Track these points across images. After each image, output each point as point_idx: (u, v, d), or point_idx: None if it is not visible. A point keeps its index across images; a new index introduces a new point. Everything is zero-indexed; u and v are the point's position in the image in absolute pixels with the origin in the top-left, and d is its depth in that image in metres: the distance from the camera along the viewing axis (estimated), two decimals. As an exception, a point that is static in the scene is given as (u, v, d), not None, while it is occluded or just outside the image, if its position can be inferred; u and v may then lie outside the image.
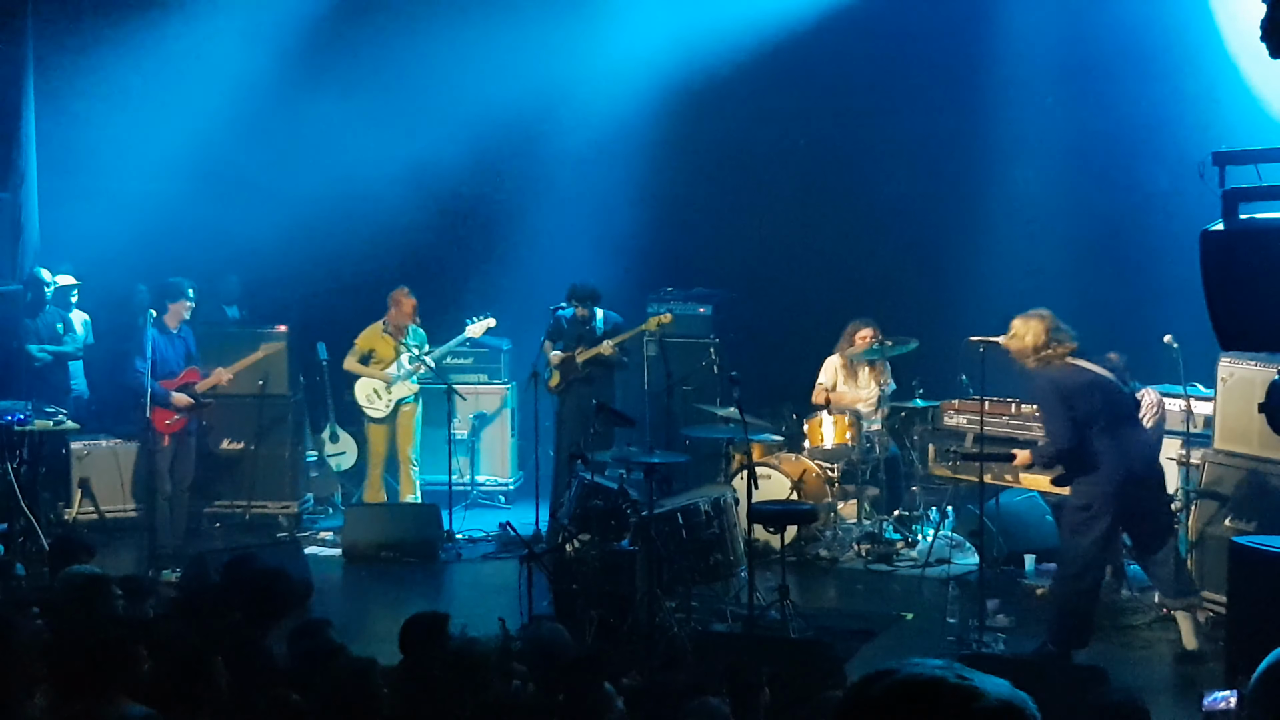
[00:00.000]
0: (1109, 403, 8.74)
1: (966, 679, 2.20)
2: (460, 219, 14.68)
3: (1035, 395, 8.96)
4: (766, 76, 14.05)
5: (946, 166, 13.27)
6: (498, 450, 14.17)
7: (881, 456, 12.12)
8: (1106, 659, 8.25)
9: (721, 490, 10.20)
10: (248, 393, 12.58)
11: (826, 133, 13.78)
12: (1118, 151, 12.52)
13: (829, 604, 10.66)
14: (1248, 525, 9.42)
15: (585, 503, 9.56)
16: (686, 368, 12.32)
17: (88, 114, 13.80)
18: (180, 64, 13.80)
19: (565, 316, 12.53)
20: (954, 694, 2.18)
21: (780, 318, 13.80)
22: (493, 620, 8.83)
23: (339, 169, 13.93)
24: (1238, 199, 4.78)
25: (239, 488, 12.91)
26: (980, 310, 11.74)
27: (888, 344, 12.25)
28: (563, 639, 6.82)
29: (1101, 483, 8.71)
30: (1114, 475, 8.69)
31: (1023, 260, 12.75)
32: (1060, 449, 8.77)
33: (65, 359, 13.03)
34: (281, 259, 14.01)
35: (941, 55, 13.48)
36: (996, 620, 9.84)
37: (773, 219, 13.93)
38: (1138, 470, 8.79)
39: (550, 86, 14.36)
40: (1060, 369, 8.72)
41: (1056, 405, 8.70)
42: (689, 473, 10.74)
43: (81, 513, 12.55)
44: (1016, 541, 11.46)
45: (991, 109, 13.17)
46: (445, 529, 12.32)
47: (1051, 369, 8.72)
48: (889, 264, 13.41)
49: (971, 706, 2.17)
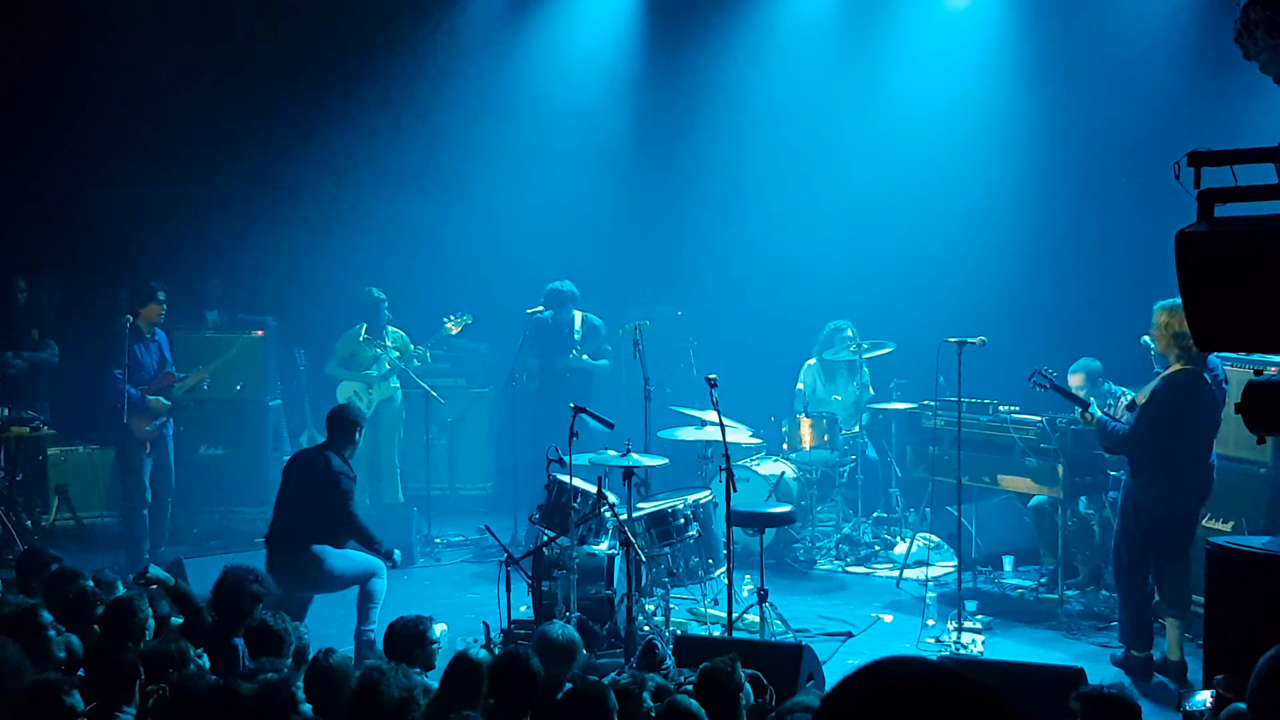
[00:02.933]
0: (1211, 419, 8.82)
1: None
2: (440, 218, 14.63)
3: (1157, 387, 8.96)
4: (744, 77, 14.06)
5: (922, 168, 13.29)
6: (475, 454, 14.14)
7: (859, 459, 12.13)
8: (1085, 661, 8.25)
9: (700, 493, 10.20)
10: (225, 397, 12.54)
11: (804, 135, 13.78)
12: (1093, 152, 12.55)
13: (808, 606, 10.67)
14: (1224, 526, 9.46)
15: (563, 506, 9.54)
16: (664, 370, 12.32)
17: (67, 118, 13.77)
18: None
19: (543, 319, 12.51)
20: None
21: (758, 321, 13.80)
22: (473, 624, 8.84)
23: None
24: (1214, 199, 4.78)
25: (217, 493, 12.88)
26: (956, 312, 11.78)
27: (864, 346, 12.28)
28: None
29: (1174, 490, 8.84)
30: (1187, 485, 8.85)
31: (998, 262, 12.78)
32: (1135, 445, 8.85)
33: (41, 367, 12.94)
34: (262, 263, 14.00)
35: (917, 55, 13.51)
36: (975, 622, 9.86)
37: (750, 221, 13.93)
38: (1201, 482, 8.90)
39: (529, 85, 14.37)
40: (1191, 374, 8.75)
41: (1165, 405, 8.75)
42: (667, 475, 10.73)
43: (59, 519, 12.49)
44: (995, 543, 11.49)
45: (966, 109, 13.19)
46: (423, 533, 12.29)
47: (1186, 372, 8.74)
48: (866, 267, 13.42)
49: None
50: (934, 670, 2.21)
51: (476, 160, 14.33)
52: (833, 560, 11.92)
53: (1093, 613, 10.33)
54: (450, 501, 13.68)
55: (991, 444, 10.69)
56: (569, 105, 14.24)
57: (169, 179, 14.27)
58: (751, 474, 11.75)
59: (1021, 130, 12.99)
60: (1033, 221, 12.83)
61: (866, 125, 13.66)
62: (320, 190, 14.20)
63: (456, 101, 14.34)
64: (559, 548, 9.35)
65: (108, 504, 12.57)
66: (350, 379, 13.00)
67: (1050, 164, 12.80)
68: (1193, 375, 8.74)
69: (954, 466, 10.23)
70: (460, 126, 14.31)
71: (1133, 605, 9.06)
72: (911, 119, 13.46)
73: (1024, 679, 7.11)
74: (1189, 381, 8.75)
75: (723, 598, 9.45)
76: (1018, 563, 11.31)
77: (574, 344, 12.47)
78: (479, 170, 14.37)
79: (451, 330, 12.81)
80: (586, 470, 9.76)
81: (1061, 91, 12.88)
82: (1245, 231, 4.67)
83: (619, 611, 9.13)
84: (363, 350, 12.94)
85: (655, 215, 14.28)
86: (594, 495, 9.42)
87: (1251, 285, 4.57)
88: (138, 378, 11.63)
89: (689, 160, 14.20)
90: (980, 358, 10.23)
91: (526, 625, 9.29)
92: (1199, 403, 8.76)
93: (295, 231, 13.99)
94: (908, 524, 12.18)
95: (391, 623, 7.05)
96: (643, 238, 14.23)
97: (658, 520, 9.73)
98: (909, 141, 13.41)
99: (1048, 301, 12.65)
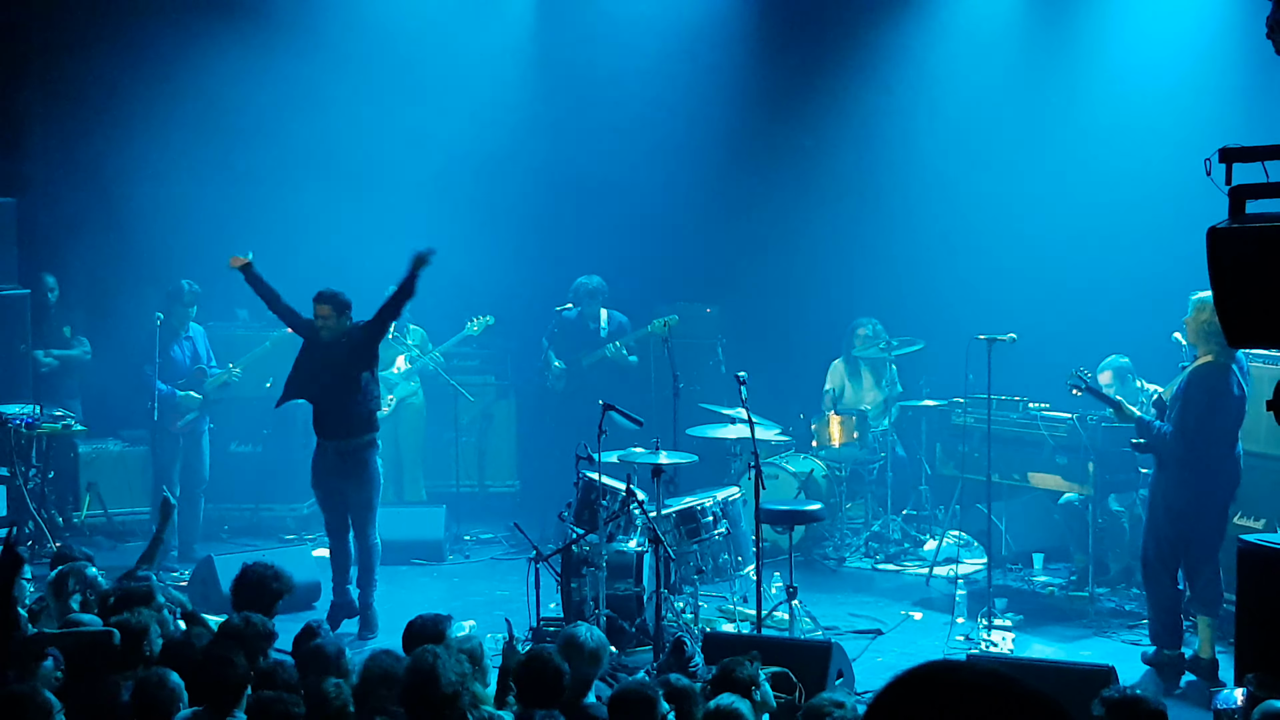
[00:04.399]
0: (1239, 410, 8.79)
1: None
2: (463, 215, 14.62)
3: (1186, 382, 8.92)
4: (771, 74, 14.04)
5: (953, 165, 13.23)
6: (503, 452, 14.14)
7: (889, 456, 12.11)
8: (1115, 659, 8.22)
9: (729, 490, 10.19)
10: (256, 394, 12.59)
11: (832, 133, 13.75)
12: (1124, 148, 12.48)
13: (837, 604, 10.66)
14: (1256, 523, 9.42)
15: (592, 503, 9.55)
16: (693, 368, 12.31)
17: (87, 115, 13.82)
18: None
19: (569, 317, 12.51)
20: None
21: (787, 318, 13.77)
22: (502, 621, 8.85)
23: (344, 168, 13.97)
24: (1245, 195, 4.76)
25: (248, 489, 12.93)
26: (986, 309, 11.73)
27: (893, 344, 12.25)
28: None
29: (1206, 484, 8.82)
30: (1219, 478, 8.82)
31: (1029, 259, 12.72)
32: (1184, 443, 8.81)
33: (72, 364, 13.01)
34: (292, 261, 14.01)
35: (944, 53, 13.46)
36: (1004, 619, 9.83)
37: (780, 219, 13.89)
38: (1231, 474, 8.88)
39: (556, 83, 14.36)
40: (1221, 365, 8.71)
41: (1204, 397, 8.72)
42: (696, 473, 10.73)
43: (90, 515, 12.56)
44: (1024, 541, 11.45)
45: (996, 105, 13.13)
46: (452, 530, 12.32)
47: (1215, 364, 8.71)
48: (895, 264, 13.37)
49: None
50: (987, 676, 2.19)
51: (504, 155, 14.33)
52: (862, 558, 11.90)
53: (1123, 611, 10.29)
54: (479, 499, 13.68)
55: (1021, 441, 10.66)
56: (592, 98, 14.19)
57: (196, 176, 14.29)
58: (781, 471, 11.74)
59: (1048, 126, 12.92)
60: (1062, 217, 12.76)
61: (894, 121, 13.62)
62: (349, 188, 14.19)
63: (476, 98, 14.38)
64: (588, 545, 9.36)
65: (139, 500, 12.61)
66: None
67: (1084, 157, 12.73)
68: (1222, 367, 8.71)
69: (984, 464, 10.20)
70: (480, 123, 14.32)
71: (1162, 604, 9.02)
72: (939, 114, 13.41)
73: (1054, 678, 7.10)
74: (1219, 372, 8.72)
75: (752, 595, 9.45)
76: (1048, 560, 11.26)
77: (600, 341, 12.47)
78: (508, 165, 14.36)
79: (474, 331, 12.84)
80: (615, 467, 9.77)
81: (1094, 82, 12.81)
82: (1277, 227, 4.65)
83: (648, 609, 9.13)
84: (383, 349, 12.93)
85: (685, 212, 14.24)
86: (623, 493, 9.43)
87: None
88: (170, 373, 11.70)
89: (719, 158, 14.16)
90: (1010, 355, 10.19)
91: (555, 622, 9.31)
92: (1229, 394, 8.73)
93: (327, 227, 13.98)
94: (937, 521, 12.14)
95: (411, 621, 7.05)
96: (672, 235, 14.20)
97: (686, 518, 9.74)
98: (936, 138, 13.36)
99: (1077, 298, 12.58)
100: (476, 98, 14.09)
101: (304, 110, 13.97)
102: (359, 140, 14.13)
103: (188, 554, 11.57)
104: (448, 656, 5.83)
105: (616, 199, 14.02)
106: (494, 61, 14.36)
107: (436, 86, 14.19)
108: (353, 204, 14.15)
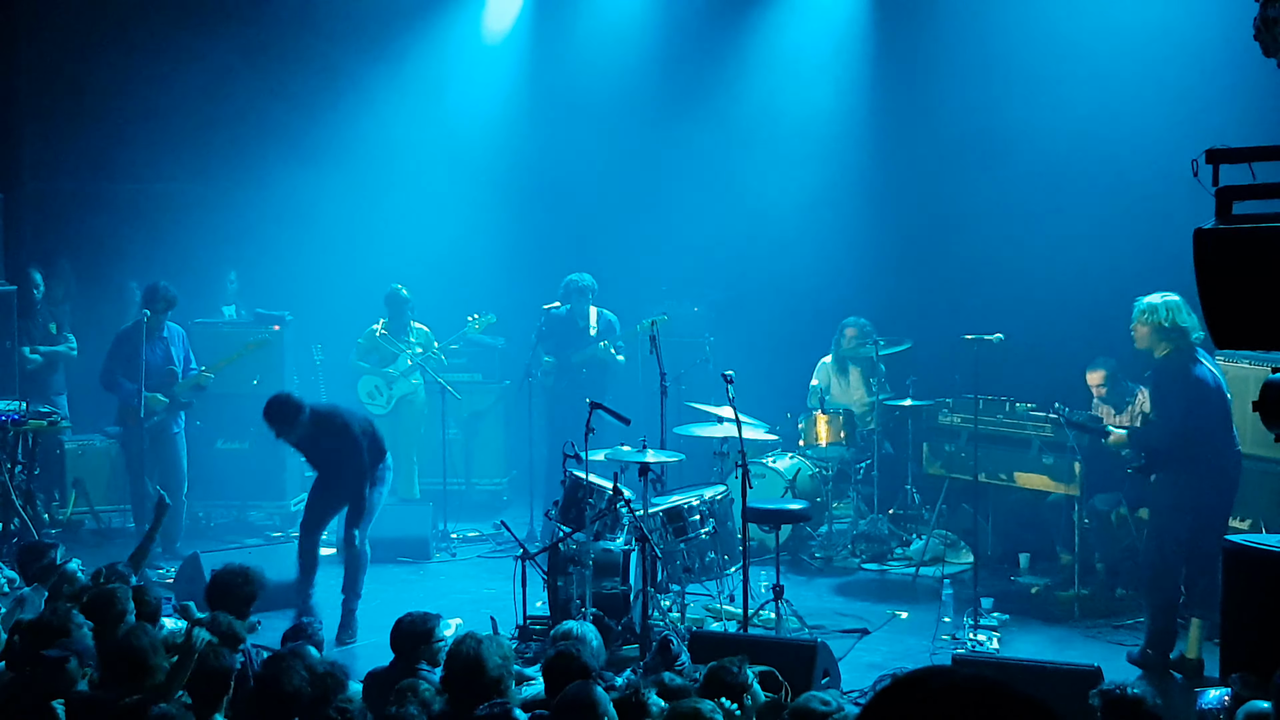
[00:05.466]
0: (1218, 402, 8.80)
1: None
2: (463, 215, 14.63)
3: (1154, 381, 8.93)
4: (759, 73, 14.04)
5: (939, 166, 13.24)
6: (491, 449, 14.12)
7: (875, 455, 12.11)
8: (1101, 659, 8.22)
9: (716, 489, 10.19)
10: (243, 392, 12.55)
11: (820, 132, 13.75)
12: (1111, 148, 12.49)
13: (823, 602, 10.66)
14: (1241, 524, 9.43)
15: (579, 501, 9.55)
16: (681, 366, 12.31)
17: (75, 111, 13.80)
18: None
19: (558, 314, 12.50)
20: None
21: (774, 317, 13.77)
22: (485, 620, 8.85)
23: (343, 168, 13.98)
24: (1232, 197, 4.77)
25: (234, 487, 12.91)
26: (973, 309, 11.74)
27: (880, 343, 12.24)
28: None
29: (1208, 480, 8.82)
30: (1222, 473, 8.82)
31: (1016, 259, 12.72)
32: (1173, 433, 8.81)
33: (58, 360, 12.96)
34: (281, 258, 14.00)
35: (936, 53, 13.46)
36: (991, 619, 9.84)
37: (766, 218, 13.89)
38: (1234, 468, 8.87)
39: (542, 84, 14.37)
40: (1183, 353, 8.75)
41: (1173, 388, 8.74)
42: (683, 471, 10.73)
43: (75, 512, 12.54)
44: (1011, 540, 11.47)
45: (984, 105, 13.13)
46: (439, 528, 12.31)
47: (1175, 352, 8.74)
48: (882, 263, 13.38)
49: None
50: (977, 681, 2.19)
51: (496, 156, 14.34)
52: (849, 557, 11.90)
53: (1109, 610, 10.29)
54: (466, 497, 13.67)
55: (1008, 441, 10.69)
56: (584, 100, 14.21)
57: (185, 173, 14.28)
58: (768, 470, 11.74)
59: (1036, 125, 12.92)
60: (1049, 218, 12.76)
61: (884, 121, 13.63)
62: (339, 186, 14.19)
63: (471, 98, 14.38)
64: (575, 543, 9.35)
65: (125, 497, 12.60)
66: (370, 373, 13.06)
67: (1070, 159, 12.73)
68: (1183, 352, 8.75)
69: (970, 463, 10.22)
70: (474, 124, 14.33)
71: (1163, 607, 9.01)
72: (928, 115, 13.41)
73: (1041, 678, 7.11)
74: (1180, 357, 8.75)
75: (738, 594, 9.45)
76: (1034, 560, 11.28)
77: (589, 339, 12.46)
78: (498, 166, 14.37)
79: (475, 328, 12.86)
80: (603, 466, 9.76)
81: (1080, 85, 12.81)
82: (1263, 229, 4.65)
83: (634, 607, 9.13)
84: (382, 346, 12.95)
85: (672, 211, 14.24)
86: (610, 491, 9.42)
87: (1269, 283, 4.55)
88: (137, 372, 11.66)
89: (707, 156, 14.15)
90: (997, 355, 10.20)
91: (542, 621, 9.31)
92: (1203, 380, 8.73)
93: (313, 226, 13.99)
94: (924, 521, 12.15)
95: (399, 619, 7.05)
96: (660, 234, 14.20)
97: (673, 516, 9.74)
98: (926, 138, 13.37)
99: (1064, 299, 12.58)
100: (475, 97, 14.14)
101: (299, 110, 14.00)
102: (358, 140, 14.17)
103: (170, 551, 11.56)
104: (490, 643, 6.05)
105: (604, 196, 14.04)
106: (488, 62, 14.39)
107: (436, 86, 14.23)
108: (352, 204, 14.19)
